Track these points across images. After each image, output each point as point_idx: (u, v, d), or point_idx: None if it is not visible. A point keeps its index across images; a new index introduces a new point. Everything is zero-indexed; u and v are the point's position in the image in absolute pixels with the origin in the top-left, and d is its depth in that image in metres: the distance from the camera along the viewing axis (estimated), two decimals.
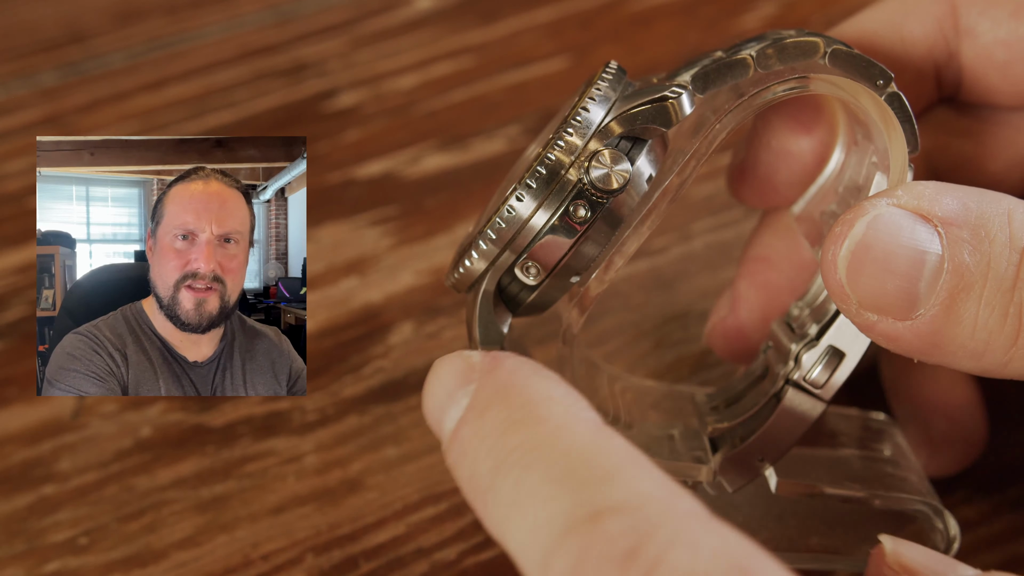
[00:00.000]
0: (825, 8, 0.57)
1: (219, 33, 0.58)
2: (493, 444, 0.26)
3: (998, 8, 0.34)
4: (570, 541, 0.24)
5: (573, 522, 0.24)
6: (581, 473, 0.25)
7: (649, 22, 0.57)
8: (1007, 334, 0.28)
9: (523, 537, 0.25)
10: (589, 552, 0.23)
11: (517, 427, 0.26)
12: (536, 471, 0.25)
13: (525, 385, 0.27)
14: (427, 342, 0.44)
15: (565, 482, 0.25)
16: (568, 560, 0.24)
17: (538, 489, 0.25)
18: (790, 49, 0.31)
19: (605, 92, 0.30)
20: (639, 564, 0.23)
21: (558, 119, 0.32)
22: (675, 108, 0.30)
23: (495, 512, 0.26)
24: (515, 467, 0.25)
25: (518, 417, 0.26)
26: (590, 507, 0.24)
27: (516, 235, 0.30)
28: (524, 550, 0.25)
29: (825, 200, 0.35)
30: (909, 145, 0.31)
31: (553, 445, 0.25)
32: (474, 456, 0.26)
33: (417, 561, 0.37)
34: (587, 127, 0.30)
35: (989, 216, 0.28)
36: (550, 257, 0.30)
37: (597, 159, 0.29)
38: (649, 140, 0.30)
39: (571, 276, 0.31)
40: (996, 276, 0.28)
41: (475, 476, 0.26)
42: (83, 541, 0.39)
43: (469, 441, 0.27)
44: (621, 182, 0.29)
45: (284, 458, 0.41)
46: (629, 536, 0.23)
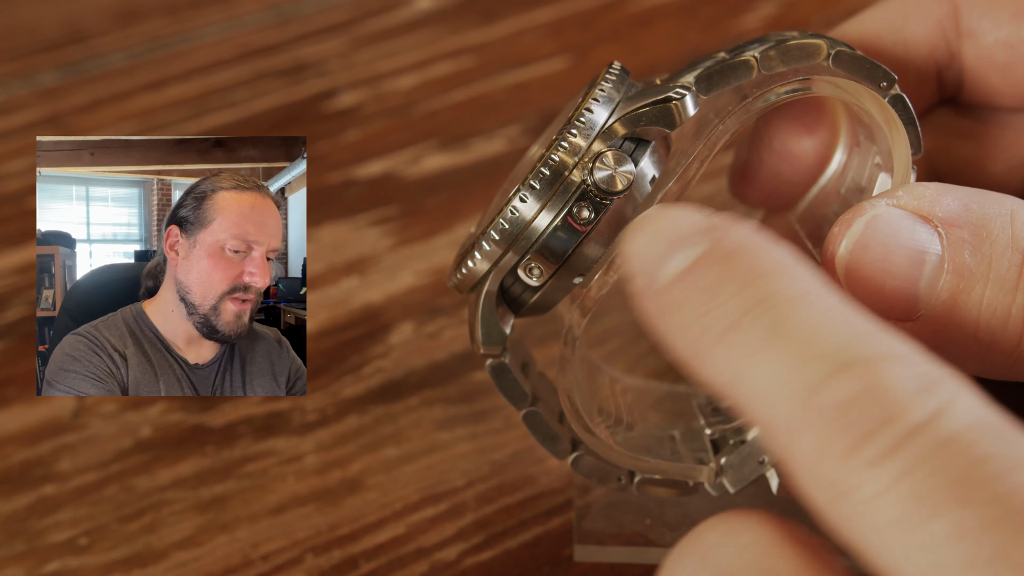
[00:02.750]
0: (825, 8, 0.57)
1: (219, 33, 0.58)
2: (743, 288, 0.25)
3: (1000, 9, 0.34)
4: (848, 375, 0.23)
5: (848, 360, 0.23)
6: (850, 325, 0.24)
7: (649, 22, 0.57)
8: (1009, 335, 0.28)
9: (775, 373, 0.24)
10: (872, 386, 0.23)
11: (773, 276, 0.25)
12: (797, 315, 0.24)
13: (768, 246, 0.26)
14: (427, 342, 0.44)
15: (835, 329, 0.24)
16: (846, 390, 0.23)
17: (801, 330, 0.24)
18: (793, 51, 0.31)
19: (609, 93, 0.31)
20: (929, 399, 0.22)
21: (561, 119, 0.32)
22: (679, 109, 0.30)
23: (734, 351, 0.25)
24: (772, 310, 0.24)
25: (772, 268, 0.25)
26: (868, 350, 0.23)
27: (519, 236, 0.30)
28: (774, 389, 0.24)
29: (827, 201, 0.35)
30: (912, 147, 0.31)
31: (815, 298, 0.25)
32: (713, 297, 0.25)
33: (417, 561, 0.37)
34: (591, 128, 0.30)
35: (991, 216, 0.28)
36: (553, 258, 0.30)
37: (601, 160, 0.29)
38: (652, 141, 0.30)
39: (574, 277, 0.31)
40: (998, 277, 0.28)
41: (711, 315, 0.25)
42: (83, 541, 0.39)
43: (710, 282, 0.25)
44: (625, 184, 0.29)
45: (284, 458, 0.41)
46: (916, 379, 0.23)
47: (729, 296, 0.25)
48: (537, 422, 0.32)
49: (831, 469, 0.23)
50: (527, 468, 0.40)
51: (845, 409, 0.23)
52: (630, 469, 0.33)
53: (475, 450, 0.40)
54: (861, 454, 0.22)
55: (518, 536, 0.38)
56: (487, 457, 0.40)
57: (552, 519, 0.38)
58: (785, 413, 0.23)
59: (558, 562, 0.37)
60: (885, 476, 0.22)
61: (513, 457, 0.40)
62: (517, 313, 0.31)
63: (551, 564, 0.37)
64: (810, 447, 0.23)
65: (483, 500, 0.39)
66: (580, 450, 0.33)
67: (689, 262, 0.26)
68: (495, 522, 0.38)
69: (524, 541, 0.38)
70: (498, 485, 0.39)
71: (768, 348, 0.24)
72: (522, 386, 0.32)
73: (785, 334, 0.24)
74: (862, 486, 0.22)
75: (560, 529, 0.38)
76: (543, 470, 0.39)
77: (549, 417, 0.33)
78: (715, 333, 0.25)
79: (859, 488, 0.22)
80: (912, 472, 0.22)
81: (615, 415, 0.35)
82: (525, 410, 0.32)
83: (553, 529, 0.38)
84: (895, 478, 0.22)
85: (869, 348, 0.23)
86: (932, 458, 0.22)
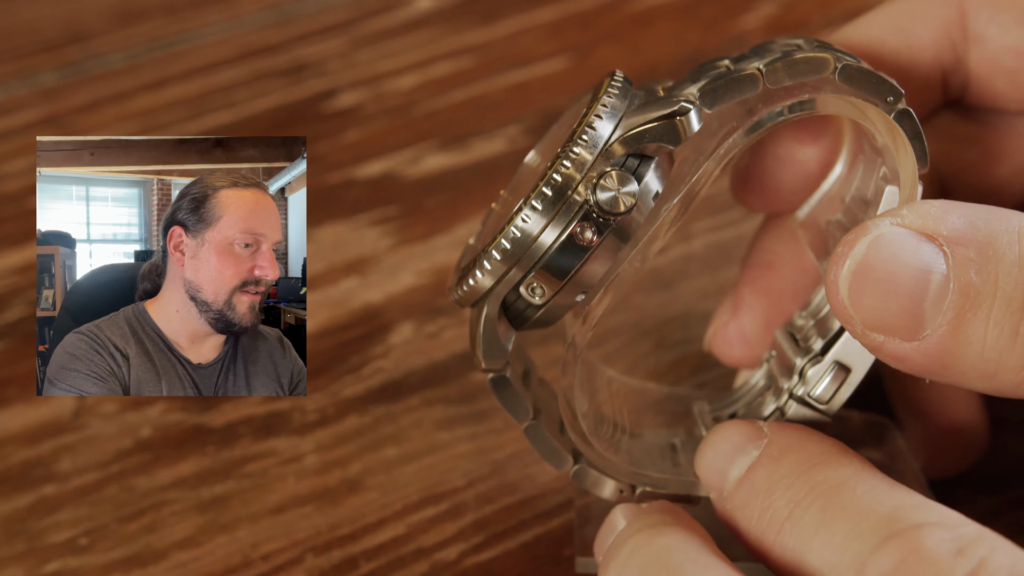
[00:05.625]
0: (825, 8, 0.57)
1: (219, 33, 0.58)
2: (793, 482, 0.29)
3: (1007, 14, 0.34)
4: (891, 546, 0.26)
5: (891, 533, 0.26)
6: (890, 501, 0.27)
7: (649, 22, 0.57)
8: (1018, 354, 0.28)
9: (830, 553, 0.27)
10: (914, 554, 0.26)
11: (819, 468, 0.29)
12: (843, 499, 0.28)
13: (819, 439, 0.30)
14: (427, 342, 0.44)
15: (877, 506, 0.27)
16: (891, 560, 0.26)
17: (847, 512, 0.27)
18: (800, 64, 0.30)
19: (612, 106, 0.30)
20: (966, 560, 0.25)
21: (563, 127, 0.32)
22: (683, 125, 0.29)
23: (793, 538, 0.28)
24: (820, 498, 0.28)
25: (817, 461, 0.29)
26: (908, 522, 0.27)
27: (522, 254, 0.30)
28: (831, 564, 0.27)
29: (831, 208, 0.35)
30: (919, 162, 0.31)
31: (856, 482, 0.28)
32: (769, 494, 0.29)
33: (417, 561, 0.37)
34: (594, 144, 0.30)
35: (997, 234, 0.28)
36: (557, 277, 0.30)
37: (604, 180, 0.29)
38: (656, 157, 0.30)
39: (577, 294, 0.30)
40: (1005, 295, 0.28)
41: (770, 511, 0.29)
42: (83, 541, 0.39)
43: (764, 482, 0.29)
44: (629, 204, 0.29)
45: (284, 458, 0.41)
46: (953, 542, 0.26)
47: (784, 490, 0.29)
48: (538, 435, 0.32)
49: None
50: (527, 468, 0.40)
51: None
52: (631, 483, 0.33)
53: (475, 450, 0.40)
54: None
55: (518, 536, 0.38)
56: (487, 457, 0.40)
57: (552, 519, 0.38)
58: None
59: (558, 562, 0.37)
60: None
61: (513, 457, 0.40)
62: (519, 328, 0.31)
63: (551, 564, 0.37)
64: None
65: (483, 500, 0.39)
66: (581, 462, 0.33)
67: (746, 468, 0.30)
68: (495, 522, 0.38)
69: (524, 541, 0.38)
70: (498, 485, 0.39)
71: (821, 531, 0.28)
72: (523, 400, 0.32)
73: (834, 517, 0.28)
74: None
75: (560, 529, 0.38)
76: (543, 470, 0.39)
77: (550, 428, 0.33)
78: (776, 526, 0.29)
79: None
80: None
81: (615, 421, 0.35)
82: (527, 424, 0.32)
83: (553, 529, 0.38)
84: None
85: (909, 519, 0.27)
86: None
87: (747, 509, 0.30)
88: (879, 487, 0.28)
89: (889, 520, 0.27)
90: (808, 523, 0.28)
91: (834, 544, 0.27)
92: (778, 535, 0.28)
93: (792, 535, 0.28)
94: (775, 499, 0.29)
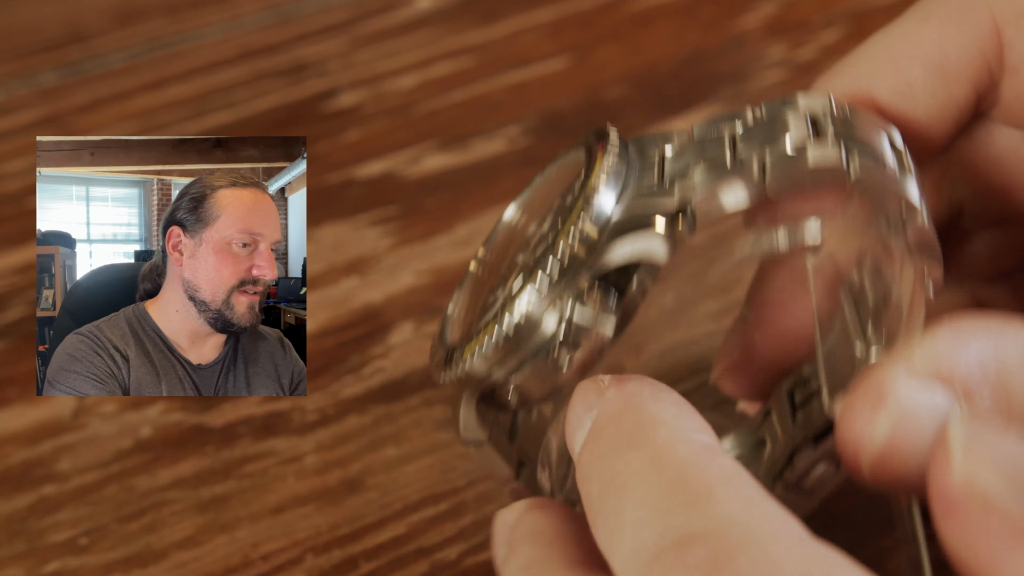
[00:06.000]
0: (825, 8, 0.57)
1: (219, 33, 0.58)
2: (602, 467, 0.26)
3: None
4: (655, 570, 0.23)
5: (660, 549, 0.23)
6: (675, 496, 0.24)
7: (649, 22, 0.57)
8: None
9: (621, 563, 0.24)
10: None
11: (622, 451, 0.25)
12: (633, 495, 0.25)
13: (638, 408, 0.26)
14: (427, 342, 0.44)
15: (657, 506, 0.24)
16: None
17: (635, 513, 0.24)
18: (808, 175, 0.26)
19: (614, 172, 0.27)
20: None
21: (551, 185, 0.30)
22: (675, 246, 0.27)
23: (601, 536, 0.25)
24: (616, 491, 0.25)
25: (625, 441, 0.26)
26: (677, 533, 0.23)
27: (507, 355, 0.28)
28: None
29: None
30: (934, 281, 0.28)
31: (652, 468, 0.25)
32: (589, 479, 0.26)
33: (417, 561, 0.37)
34: (574, 271, 0.27)
35: (1011, 371, 0.26)
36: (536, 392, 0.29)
37: (581, 319, 0.27)
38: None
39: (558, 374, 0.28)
40: None
41: (588, 499, 0.26)
42: (83, 541, 0.39)
43: (587, 464, 0.26)
44: (602, 342, 0.27)
45: (284, 458, 0.41)
46: (705, 566, 0.23)
47: (599, 471, 0.26)
48: (530, 487, 0.31)
49: None
50: None
51: None
52: None
53: None
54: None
55: None
56: None
57: None
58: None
59: None
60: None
61: None
62: (500, 411, 0.30)
63: None
64: None
65: (484, 500, 0.39)
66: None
67: (583, 438, 0.27)
68: None
69: None
70: (498, 485, 0.39)
71: (616, 532, 0.24)
72: (505, 462, 0.31)
73: (628, 515, 0.24)
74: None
75: None
76: None
77: (538, 472, 0.32)
78: (592, 510, 0.25)
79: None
80: None
81: None
82: (513, 485, 0.31)
83: None
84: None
85: (683, 525, 0.23)
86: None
87: (581, 495, 0.26)
88: (671, 471, 0.25)
89: (664, 528, 0.23)
90: (609, 522, 0.25)
91: (624, 553, 0.24)
92: (595, 531, 0.25)
93: (601, 532, 0.25)
94: (592, 486, 0.26)
